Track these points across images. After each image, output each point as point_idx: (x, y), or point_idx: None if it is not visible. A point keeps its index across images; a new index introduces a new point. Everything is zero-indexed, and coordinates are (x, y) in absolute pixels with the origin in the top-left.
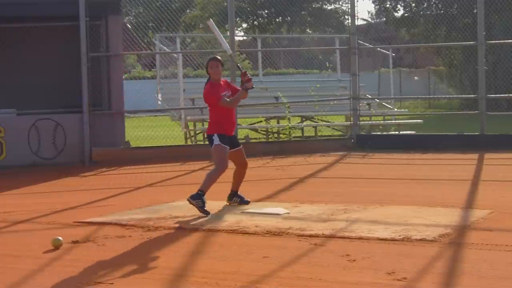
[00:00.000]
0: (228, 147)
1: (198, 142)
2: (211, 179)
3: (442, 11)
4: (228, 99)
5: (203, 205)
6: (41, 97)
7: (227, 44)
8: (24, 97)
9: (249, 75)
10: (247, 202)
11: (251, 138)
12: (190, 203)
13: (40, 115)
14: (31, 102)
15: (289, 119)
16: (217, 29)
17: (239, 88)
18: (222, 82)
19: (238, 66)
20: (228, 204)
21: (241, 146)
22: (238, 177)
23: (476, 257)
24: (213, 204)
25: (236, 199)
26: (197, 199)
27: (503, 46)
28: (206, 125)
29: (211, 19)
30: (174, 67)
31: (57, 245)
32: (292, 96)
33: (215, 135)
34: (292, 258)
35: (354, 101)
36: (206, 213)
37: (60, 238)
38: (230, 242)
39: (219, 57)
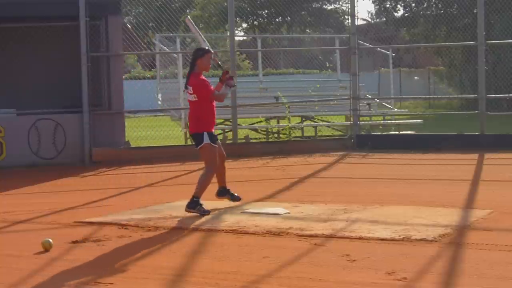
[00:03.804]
0: (217, 147)
1: None
2: (206, 183)
3: (442, 11)
4: (217, 92)
5: (202, 210)
6: (41, 97)
7: (207, 42)
8: (24, 97)
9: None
10: (239, 199)
11: (251, 138)
12: (189, 212)
13: (40, 115)
14: (31, 102)
15: (289, 119)
16: (195, 27)
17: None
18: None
19: (219, 65)
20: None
21: (218, 139)
22: (222, 171)
23: (476, 257)
24: (212, 204)
25: (227, 195)
26: (194, 207)
27: (503, 46)
28: None
29: (188, 17)
30: (174, 67)
31: (47, 247)
32: (292, 96)
33: (205, 133)
34: (292, 258)
35: (354, 101)
36: (207, 212)
37: (50, 239)
38: (230, 242)
39: None
